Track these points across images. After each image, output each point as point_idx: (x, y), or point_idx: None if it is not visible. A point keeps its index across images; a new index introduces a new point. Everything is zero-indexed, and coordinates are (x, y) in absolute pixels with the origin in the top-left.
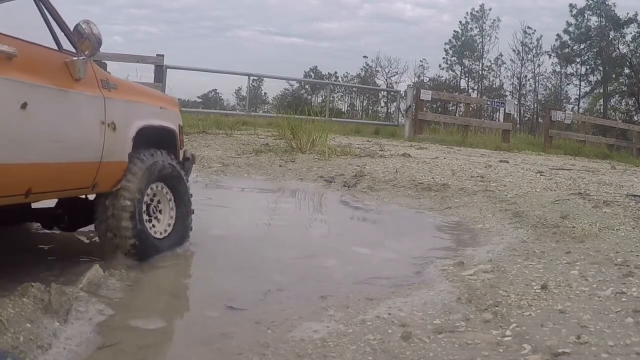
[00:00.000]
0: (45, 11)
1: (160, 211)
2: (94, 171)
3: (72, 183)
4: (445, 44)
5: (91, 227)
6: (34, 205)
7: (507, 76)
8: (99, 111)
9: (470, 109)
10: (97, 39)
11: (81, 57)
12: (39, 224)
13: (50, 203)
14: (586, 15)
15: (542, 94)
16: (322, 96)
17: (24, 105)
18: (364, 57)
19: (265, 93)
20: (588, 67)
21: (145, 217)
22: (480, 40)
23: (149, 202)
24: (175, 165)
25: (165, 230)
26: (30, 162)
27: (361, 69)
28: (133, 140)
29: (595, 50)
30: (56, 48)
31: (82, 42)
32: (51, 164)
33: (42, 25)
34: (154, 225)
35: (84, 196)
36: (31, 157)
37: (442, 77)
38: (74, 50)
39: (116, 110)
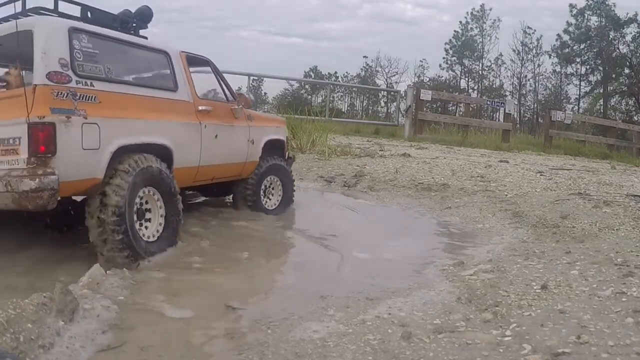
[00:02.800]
0: (220, 79)
1: (270, 194)
2: (242, 167)
3: (231, 173)
4: (446, 44)
5: None
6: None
7: (507, 76)
8: (246, 134)
9: (470, 109)
10: (251, 100)
11: (239, 106)
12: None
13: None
14: (586, 15)
15: (542, 94)
16: (322, 96)
17: (216, 136)
18: (364, 57)
19: (265, 93)
20: (588, 67)
21: (261, 194)
22: (481, 40)
23: (266, 186)
24: (283, 164)
25: (275, 204)
26: (216, 164)
27: (361, 69)
28: (262, 149)
29: (595, 50)
30: (226, 101)
31: (240, 98)
32: (224, 164)
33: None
34: (269, 200)
35: None
36: (217, 162)
37: (442, 77)
38: (234, 100)
39: (254, 132)
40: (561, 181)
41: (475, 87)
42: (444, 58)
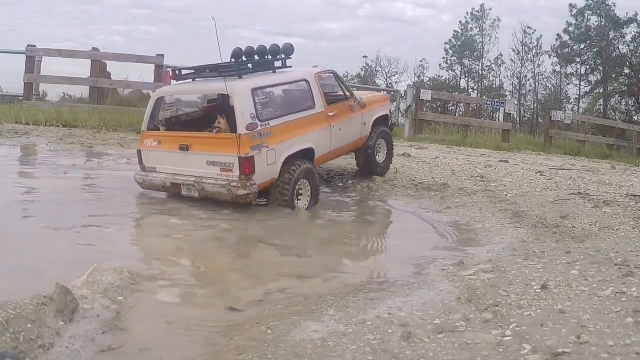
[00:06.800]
0: (340, 83)
1: (379, 152)
2: (358, 142)
3: (351, 149)
4: (446, 43)
5: None
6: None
7: (507, 76)
8: (361, 120)
9: (470, 109)
10: (361, 101)
11: (355, 103)
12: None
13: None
14: (586, 15)
15: (542, 94)
16: None
17: (340, 130)
18: (364, 57)
19: None
20: (588, 67)
21: (375, 152)
22: (481, 40)
23: (377, 147)
24: (387, 129)
25: (381, 160)
26: (341, 147)
27: (361, 69)
28: (372, 126)
29: (595, 50)
30: (345, 99)
31: (352, 98)
32: (346, 145)
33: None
34: (379, 156)
35: None
36: (341, 145)
37: (442, 77)
38: (351, 97)
39: (365, 116)
40: (561, 181)
41: (475, 87)
42: (444, 58)
